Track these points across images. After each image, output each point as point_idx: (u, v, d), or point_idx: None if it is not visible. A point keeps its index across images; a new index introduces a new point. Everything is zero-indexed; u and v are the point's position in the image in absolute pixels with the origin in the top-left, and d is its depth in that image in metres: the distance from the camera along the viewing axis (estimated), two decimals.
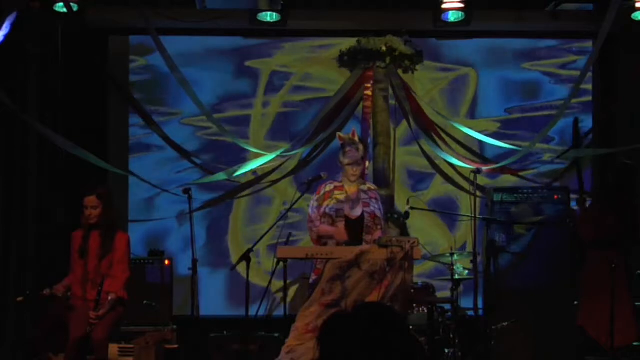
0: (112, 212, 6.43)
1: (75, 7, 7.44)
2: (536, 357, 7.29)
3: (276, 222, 6.95)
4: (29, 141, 7.69)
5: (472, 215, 6.87)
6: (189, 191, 6.83)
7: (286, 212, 6.66)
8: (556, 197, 7.83)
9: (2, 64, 7.43)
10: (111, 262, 6.29)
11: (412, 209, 6.76)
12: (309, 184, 6.37)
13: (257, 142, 8.39)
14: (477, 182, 7.39)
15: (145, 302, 7.45)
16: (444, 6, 7.89)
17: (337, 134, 6.67)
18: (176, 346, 7.24)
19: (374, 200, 6.31)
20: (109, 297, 6.18)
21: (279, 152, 8.11)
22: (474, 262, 6.89)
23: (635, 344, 6.88)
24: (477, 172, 7.21)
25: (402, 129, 8.38)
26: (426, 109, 8.29)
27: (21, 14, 7.26)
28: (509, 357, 7.15)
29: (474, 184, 7.14)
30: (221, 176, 8.10)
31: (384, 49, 8.11)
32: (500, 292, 7.35)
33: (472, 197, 7.00)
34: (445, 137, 8.37)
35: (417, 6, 8.27)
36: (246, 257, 5.98)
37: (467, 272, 6.95)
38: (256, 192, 8.47)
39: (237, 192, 8.44)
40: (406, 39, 8.19)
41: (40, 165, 7.76)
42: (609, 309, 6.27)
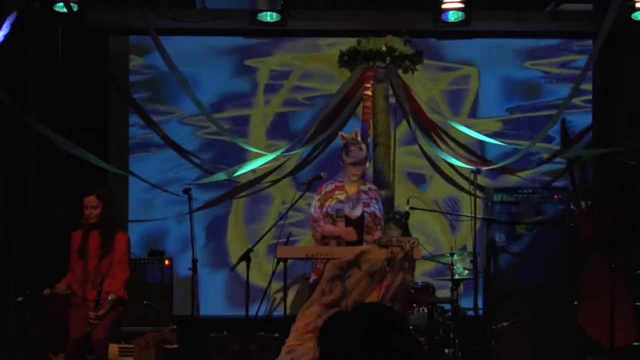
0: (112, 212, 6.43)
1: (75, 7, 7.43)
2: (536, 357, 7.30)
3: (276, 222, 6.96)
4: (29, 141, 7.69)
5: (473, 215, 6.87)
6: (188, 191, 6.81)
7: (286, 212, 6.65)
8: (556, 197, 7.84)
9: (2, 64, 7.43)
10: (111, 262, 6.29)
11: (412, 209, 6.77)
12: (309, 184, 6.37)
13: (257, 142, 8.38)
14: (477, 182, 7.38)
15: (145, 302, 7.46)
16: (444, 6, 7.87)
17: (340, 133, 6.70)
18: (176, 346, 7.25)
19: (374, 200, 6.32)
20: (109, 297, 6.19)
21: (279, 152, 8.11)
22: (474, 262, 6.89)
23: (635, 344, 6.87)
24: (477, 172, 7.21)
25: (402, 129, 8.38)
26: (426, 109, 8.28)
27: (21, 14, 7.25)
28: (509, 357, 7.16)
29: (474, 184, 7.14)
30: (221, 176, 8.09)
31: (384, 49, 8.10)
32: (500, 292, 7.35)
33: (472, 197, 7.00)
34: (445, 137, 8.37)
35: (417, 6, 8.26)
36: (246, 257, 5.99)
37: (467, 272, 6.95)
38: (256, 192, 8.47)
39: (237, 191, 8.44)
40: (406, 39, 8.18)
41: (40, 165, 7.76)
42: (609, 309, 6.26)
